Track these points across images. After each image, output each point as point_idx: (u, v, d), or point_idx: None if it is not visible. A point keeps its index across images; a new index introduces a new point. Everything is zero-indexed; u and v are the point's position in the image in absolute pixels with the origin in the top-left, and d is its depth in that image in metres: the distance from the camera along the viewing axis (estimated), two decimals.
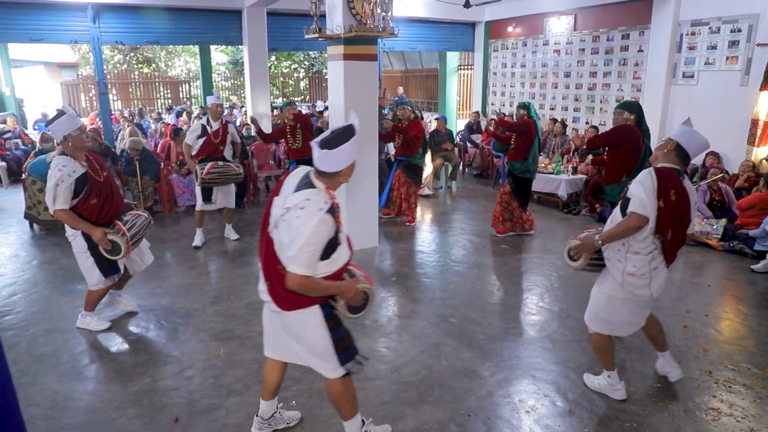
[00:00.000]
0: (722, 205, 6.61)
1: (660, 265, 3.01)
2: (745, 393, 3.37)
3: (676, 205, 2.88)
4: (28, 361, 3.72)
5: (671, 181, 2.88)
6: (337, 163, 2.37)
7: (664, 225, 2.89)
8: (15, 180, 9.48)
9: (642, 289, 3.02)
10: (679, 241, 2.98)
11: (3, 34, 9.08)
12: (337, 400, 2.67)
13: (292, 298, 2.45)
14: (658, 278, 3.02)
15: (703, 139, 2.94)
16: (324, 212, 2.30)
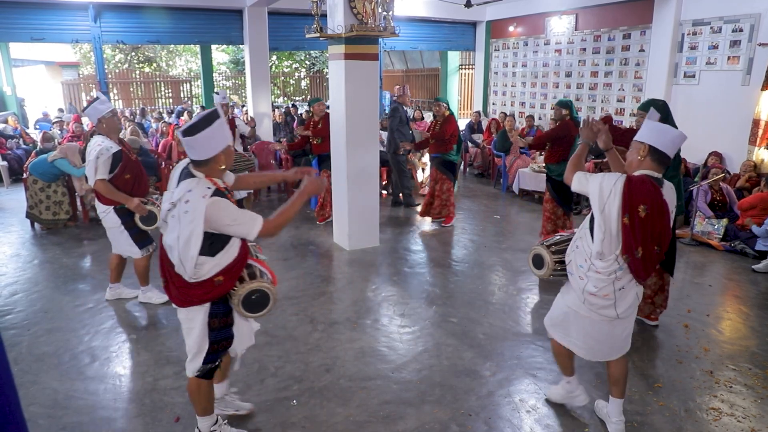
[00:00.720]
0: (723, 204, 6.61)
1: (628, 284, 2.67)
2: (746, 393, 3.37)
3: (647, 222, 2.52)
4: (29, 360, 3.73)
5: (643, 195, 2.53)
6: (204, 150, 2.35)
7: (630, 244, 2.55)
8: (16, 179, 9.49)
9: (606, 309, 2.71)
10: (653, 258, 2.62)
11: (4, 34, 9.09)
12: (191, 395, 2.74)
13: (188, 297, 2.49)
14: (626, 298, 2.70)
15: (676, 132, 2.62)
16: (209, 196, 2.32)
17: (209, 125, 2.32)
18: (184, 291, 2.49)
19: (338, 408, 3.21)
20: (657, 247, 2.59)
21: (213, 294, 2.49)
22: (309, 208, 7.58)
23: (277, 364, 3.68)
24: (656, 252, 2.60)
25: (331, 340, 4.02)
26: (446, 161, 6.83)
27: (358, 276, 5.34)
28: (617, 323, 2.77)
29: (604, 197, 2.57)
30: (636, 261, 2.58)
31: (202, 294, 2.48)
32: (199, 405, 2.75)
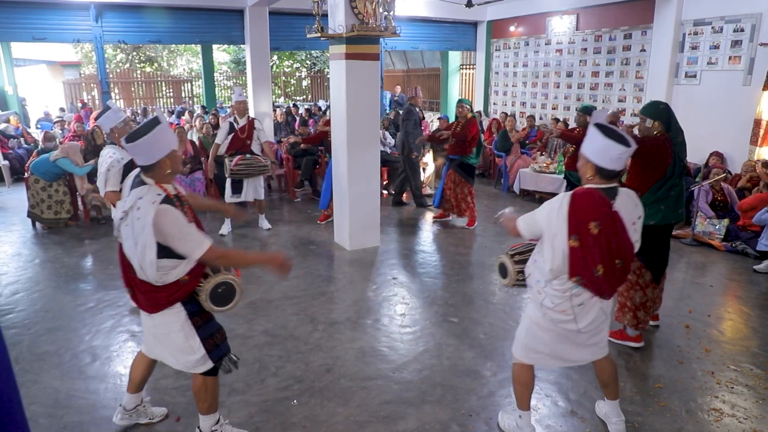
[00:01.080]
0: (725, 205, 6.60)
1: (587, 300, 2.54)
2: (748, 394, 3.37)
3: (601, 238, 2.38)
4: (30, 360, 3.73)
5: (590, 211, 2.39)
6: (148, 155, 2.38)
7: (581, 265, 2.42)
8: (18, 179, 9.50)
9: (567, 323, 2.59)
10: (616, 273, 2.47)
11: (6, 33, 9.10)
12: (196, 394, 2.72)
13: (155, 301, 2.49)
14: (588, 314, 2.56)
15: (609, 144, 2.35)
16: (158, 203, 2.34)
17: (150, 131, 2.35)
18: (151, 296, 2.50)
19: (339, 408, 3.21)
20: (619, 261, 2.45)
21: (179, 294, 2.50)
22: (311, 209, 7.57)
23: (277, 364, 3.68)
24: (619, 267, 2.46)
25: (332, 340, 4.02)
26: (465, 164, 6.75)
27: (359, 276, 5.34)
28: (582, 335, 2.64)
29: (552, 225, 2.45)
30: (597, 279, 2.44)
31: (168, 296, 2.49)
32: (205, 403, 2.74)
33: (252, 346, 3.91)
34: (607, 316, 2.66)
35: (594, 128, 2.43)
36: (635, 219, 2.51)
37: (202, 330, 2.60)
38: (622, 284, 2.55)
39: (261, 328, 4.22)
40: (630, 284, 3.87)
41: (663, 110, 3.70)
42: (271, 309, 4.55)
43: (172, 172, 2.48)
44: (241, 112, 6.34)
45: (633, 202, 2.53)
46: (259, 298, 4.76)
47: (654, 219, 3.66)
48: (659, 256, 3.85)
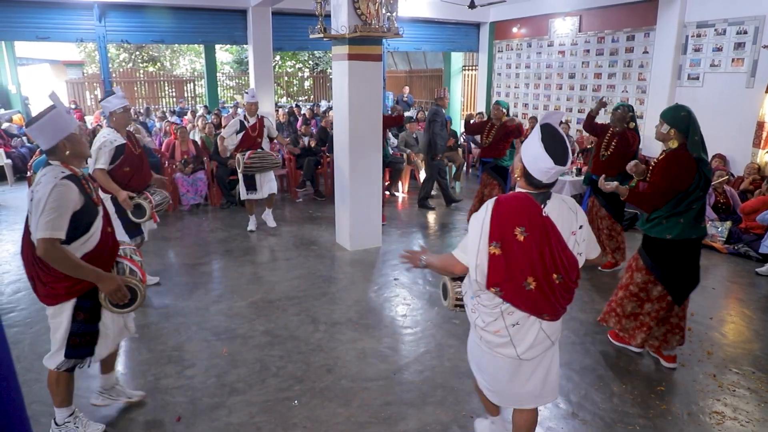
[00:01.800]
0: (727, 207, 6.59)
1: (524, 320, 2.22)
2: (750, 397, 3.36)
3: (529, 245, 2.10)
4: (31, 358, 3.73)
5: (516, 215, 2.12)
6: (45, 139, 2.52)
7: (498, 275, 2.12)
8: (20, 177, 9.52)
9: (504, 348, 2.26)
10: (555, 289, 2.15)
11: (9, 32, 9.12)
12: (49, 387, 2.81)
13: (50, 294, 2.58)
14: (526, 337, 2.24)
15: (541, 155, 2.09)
16: (60, 179, 2.46)
17: (44, 116, 2.50)
18: (50, 287, 2.56)
19: (339, 408, 3.20)
20: (557, 276, 2.14)
21: (80, 287, 2.57)
22: (312, 210, 7.57)
23: (278, 364, 3.68)
24: (558, 282, 2.14)
25: (333, 341, 4.02)
26: (499, 166, 6.57)
27: (360, 276, 5.34)
28: (525, 365, 2.32)
29: (480, 234, 2.17)
30: (529, 295, 2.13)
31: (68, 287, 2.56)
32: (57, 396, 2.82)
33: (253, 347, 3.91)
34: (553, 342, 2.32)
35: (537, 130, 2.15)
36: (575, 228, 2.19)
37: (77, 325, 2.65)
38: (568, 302, 2.25)
39: (262, 328, 4.22)
40: (629, 293, 3.65)
41: (683, 117, 3.32)
42: (272, 309, 4.55)
43: (72, 153, 2.59)
44: (251, 112, 6.46)
45: (570, 209, 2.21)
46: (260, 298, 4.77)
47: (671, 233, 3.36)
48: (678, 275, 3.47)
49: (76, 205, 2.50)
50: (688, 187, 3.29)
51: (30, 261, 2.61)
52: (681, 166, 3.25)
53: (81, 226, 2.55)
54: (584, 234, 2.23)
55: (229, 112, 12.45)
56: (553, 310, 2.21)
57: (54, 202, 2.41)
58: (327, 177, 8.73)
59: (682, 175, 3.25)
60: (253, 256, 5.90)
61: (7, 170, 9.43)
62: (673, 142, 3.36)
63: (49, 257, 2.43)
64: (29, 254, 2.60)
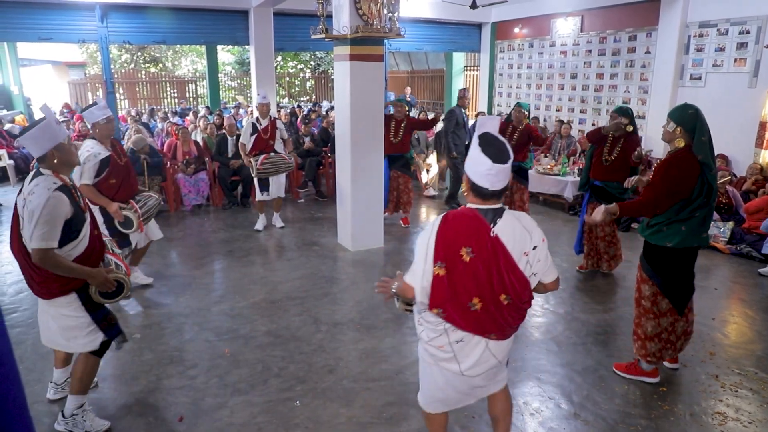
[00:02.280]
0: (729, 207, 6.58)
1: (468, 338, 2.15)
2: (752, 397, 3.35)
3: (475, 266, 2.02)
4: (34, 358, 3.74)
5: (463, 235, 2.04)
6: (35, 148, 2.64)
7: (441, 296, 2.05)
8: (22, 178, 9.54)
9: (448, 363, 2.21)
10: (503, 310, 2.07)
11: (12, 33, 9.14)
12: (74, 372, 2.93)
13: (50, 288, 2.72)
14: (470, 354, 2.17)
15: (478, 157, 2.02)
16: (53, 191, 2.58)
17: (34, 126, 2.63)
18: (45, 285, 2.72)
19: (341, 409, 3.20)
20: (505, 298, 2.06)
21: (72, 285, 2.74)
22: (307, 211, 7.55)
23: (280, 365, 3.68)
24: (506, 303, 2.07)
25: (335, 341, 4.02)
26: (523, 169, 6.46)
27: (362, 277, 5.34)
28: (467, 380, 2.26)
29: (423, 252, 2.09)
30: (474, 315, 2.06)
31: (61, 286, 2.72)
32: (81, 383, 2.92)
33: (255, 347, 3.91)
34: (500, 361, 2.26)
35: (475, 138, 2.07)
36: (528, 248, 2.08)
37: (96, 314, 2.86)
38: (519, 321, 2.17)
39: (264, 328, 4.22)
40: (643, 310, 3.45)
41: (691, 115, 3.18)
42: (274, 310, 4.55)
43: (60, 162, 2.70)
44: (263, 113, 6.45)
45: (524, 228, 2.09)
46: (262, 298, 4.77)
47: (671, 241, 3.21)
48: (678, 283, 3.34)
49: (68, 214, 2.64)
50: (691, 194, 3.13)
51: (23, 262, 2.74)
52: (681, 168, 3.12)
53: (71, 232, 2.69)
54: (539, 255, 2.12)
55: (231, 112, 12.46)
56: (500, 330, 2.14)
57: (48, 215, 2.54)
58: (329, 177, 8.73)
59: (681, 178, 3.11)
60: (255, 257, 5.90)
61: (10, 171, 9.46)
62: (679, 141, 3.20)
63: (45, 265, 2.60)
64: (21, 256, 2.72)
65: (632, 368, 3.56)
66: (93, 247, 2.83)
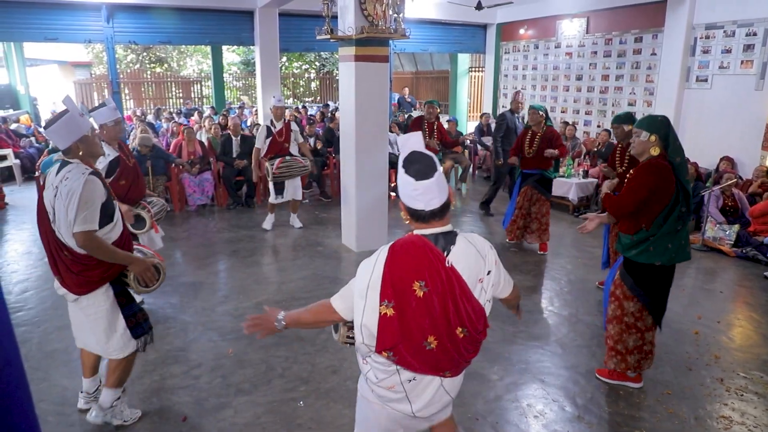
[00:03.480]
0: (735, 210, 6.55)
1: (421, 378, 1.94)
2: (758, 401, 3.33)
3: (430, 301, 1.80)
4: (39, 357, 3.76)
5: (414, 268, 1.82)
6: (60, 140, 2.69)
7: (390, 338, 1.82)
8: (29, 177, 9.59)
9: (399, 404, 1.98)
10: (458, 343, 1.86)
11: (18, 33, 9.20)
12: (113, 368, 2.95)
13: (83, 282, 2.72)
14: (422, 394, 1.97)
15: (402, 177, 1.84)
16: (87, 174, 2.64)
17: (59, 119, 2.69)
18: (84, 275, 2.72)
19: (345, 410, 3.20)
20: (461, 330, 1.85)
21: (111, 272, 2.77)
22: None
23: (284, 365, 3.69)
24: (462, 336, 1.85)
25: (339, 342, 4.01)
26: (546, 178, 5.99)
27: None
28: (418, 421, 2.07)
29: (365, 283, 1.90)
30: (429, 354, 1.84)
31: (101, 273, 2.74)
32: (114, 375, 2.95)
33: (259, 347, 3.92)
34: (452, 397, 2.09)
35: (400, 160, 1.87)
36: (482, 275, 1.91)
37: (126, 309, 2.88)
38: (473, 356, 1.97)
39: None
40: (626, 326, 3.38)
41: (662, 121, 3.14)
42: None
43: (86, 153, 2.74)
44: (278, 116, 6.43)
45: (477, 253, 1.91)
46: (266, 299, 4.77)
47: (661, 259, 3.16)
48: (664, 299, 3.34)
49: (102, 197, 2.68)
50: (669, 201, 3.10)
51: (56, 253, 2.73)
52: (661, 175, 3.06)
53: (106, 216, 2.72)
54: (492, 279, 1.96)
55: (236, 113, 12.48)
56: (455, 367, 1.94)
57: (87, 197, 2.59)
58: (333, 178, 8.74)
59: (658, 183, 3.06)
60: (260, 257, 5.91)
61: (16, 170, 9.50)
62: (654, 149, 3.13)
63: (89, 247, 2.62)
64: (56, 249, 2.72)
65: (615, 374, 3.52)
66: (125, 232, 2.88)
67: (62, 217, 2.62)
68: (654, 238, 3.14)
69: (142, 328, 2.95)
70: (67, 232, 2.63)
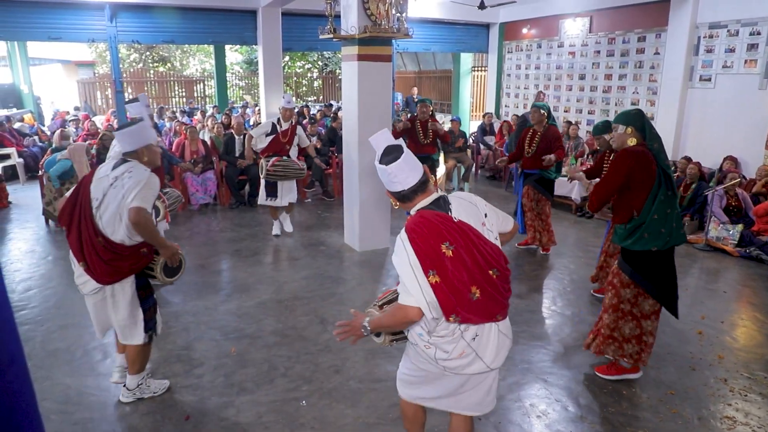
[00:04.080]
0: (739, 210, 6.53)
1: (481, 330, 2.12)
2: (761, 402, 3.32)
3: (460, 256, 2.02)
4: (42, 356, 3.77)
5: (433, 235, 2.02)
6: (127, 144, 3.00)
7: (451, 302, 2.01)
8: (32, 176, 9.61)
9: (472, 366, 2.15)
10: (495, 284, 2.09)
11: (22, 33, 9.22)
12: (131, 358, 3.19)
13: (112, 271, 2.93)
14: (489, 345, 2.14)
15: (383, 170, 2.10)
16: (150, 172, 2.96)
17: (131, 126, 3.02)
18: (114, 264, 2.93)
19: (347, 409, 3.20)
20: (493, 271, 2.07)
21: (140, 264, 3.03)
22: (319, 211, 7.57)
23: (286, 365, 3.69)
24: (495, 277, 2.08)
25: (341, 342, 4.01)
26: (546, 179, 5.87)
27: (369, 277, 5.33)
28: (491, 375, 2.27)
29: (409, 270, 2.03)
30: (477, 305, 2.04)
31: (131, 265, 2.98)
32: (139, 366, 3.21)
33: (261, 347, 3.92)
34: (509, 337, 2.25)
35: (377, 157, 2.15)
36: (482, 218, 2.15)
37: (145, 302, 3.10)
38: (510, 293, 2.18)
39: (270, 328, 4.23)
40: (621, 313, 3.44)
41: (636, 114, 3.34)
42: (280, 309, 4.56)
43: (148, 160, 3.05)
44: (286, 117, 6.24)
45: (470, 203, 2.18)
46: (268, 298, 4.78)
47: (656, 243, 3.21)
48: (668, 284, 3.35)
49: (157, 192, 3.01)
50: (653, 185, 3.17)
51: (89, 240, 2.92)
52: (636, 157, 3.16)
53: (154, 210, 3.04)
54: (492, 219, 2.20)
55: (239, 112, 12.50)
56: (501, 308, 2.15)
57: (150, 185, 2.91)
58: (336, 178, 8.74)
59: (634, 166, 3.15)
60: (262, 256, 5.91)
61: (19, 169, 9.52)
62: (631, 140, 3.29)
63: (140, 221, 2.84)
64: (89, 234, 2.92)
65: (613, 368, 3.56)
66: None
67: (114, 202, 2.88)
68: (645, 225, 3.22)
69: (153, 321, 3.16)
70: (112, 217, 2.88)
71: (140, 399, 3.26)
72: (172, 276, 3.20)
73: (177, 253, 3.12)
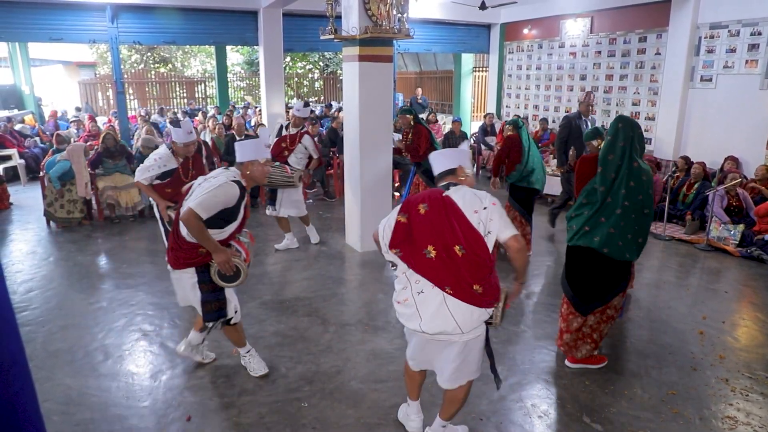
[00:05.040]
0: (740, 210, 6.52)
1: (428, 289, 2.45)
2: (763, 402, 3.32)
3: (429, 218, 2.45)
4: (43, 357, 3.77)
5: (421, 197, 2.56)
6: (241, 154, 3.18)
7: (399, 237, 2.50)
8: (33, 177, 9.62)
9: (411, 320, 2.51)
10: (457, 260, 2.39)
11: (23, 34, 9.23)
12: (227, 335, 3.53)
13: (173, 259, 3.21)
14: (429, 306, 2.44)
15: None
16: (229, 181, 3.07)
17: (248, 140, 3.26)
18: (174, 254, 3.20)
19: (349, 410, 3.21)
20: (459, 248, 2.38)
21: (195, 261, 3.18)
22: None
23: (288, 365, 3.69)
24: (461, 254, 2.39)
25: (343, 342, 4.02)
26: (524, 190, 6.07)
27: (370, 278, 5.34)
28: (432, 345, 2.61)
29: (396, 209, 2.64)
30: (429, 263, 2.41)
31: (187, 258, 3.17)
32: (234, 339, 3.54)
33: (263, 347, 3.92)
34: (462, 330, 2.45)
35: None
36: (478, 207, 2.45)
37: (204, 295, 3.25)
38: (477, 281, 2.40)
39: (272, 328, 4.23)
40: (606, 317, 3.61)
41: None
42: (282, 310, 4.56)
43: (251, 175, 3.19)
44: (295, 125, 6.04)
45: (474, 194, 2.52)
46: (270, 299, 4.78)
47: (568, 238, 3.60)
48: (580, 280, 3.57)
49: (227, 203, 3.07)
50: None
51: (173, 228, 3.25)
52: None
53: (221, 219, 3.10)
54: (490, 215, 2.45)
55: (240, 113, 12.51)
56: (454, 283, 2.39)
57: (218, 193, 3.02)
58: (337, 178, 8.74)
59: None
60: (263, 257, 5.91)
61: (20, 170, 9.53)
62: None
63: (188, 222, 2.98)
64: (175, 221, 3.25)
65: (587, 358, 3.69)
66: (231, 236, 3.27)
67: (193, 196, 3.06)
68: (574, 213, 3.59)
69: (212, 315, 3.29)
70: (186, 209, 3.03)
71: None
72: (228, 282, 3.23)
73: (229, 261, 3.15)
